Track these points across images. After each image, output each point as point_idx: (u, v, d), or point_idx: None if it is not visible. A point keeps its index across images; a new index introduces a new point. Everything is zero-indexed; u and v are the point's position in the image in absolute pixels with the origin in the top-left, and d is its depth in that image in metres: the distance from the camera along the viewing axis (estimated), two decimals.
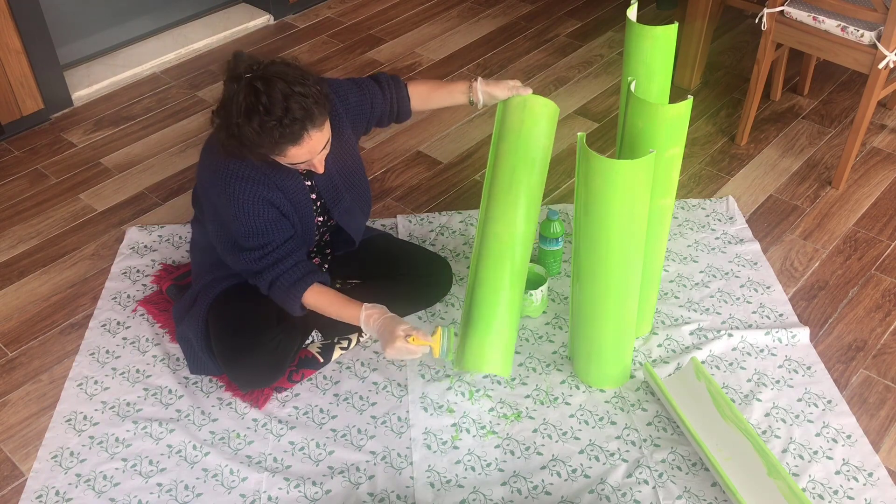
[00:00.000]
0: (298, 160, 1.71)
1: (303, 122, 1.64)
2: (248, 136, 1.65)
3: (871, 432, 1.90)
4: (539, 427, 1.92)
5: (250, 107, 1.62)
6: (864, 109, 2.46)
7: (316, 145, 1.70)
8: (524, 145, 1.88)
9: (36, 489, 1.82)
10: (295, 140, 1.65)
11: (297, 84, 1.64)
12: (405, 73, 3.30)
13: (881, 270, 2.33)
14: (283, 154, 1.68)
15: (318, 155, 1.73)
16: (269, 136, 1.63)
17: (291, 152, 1.68)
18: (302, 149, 1.68)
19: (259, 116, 1.61)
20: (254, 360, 1.90)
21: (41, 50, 2.94)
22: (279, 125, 1.62)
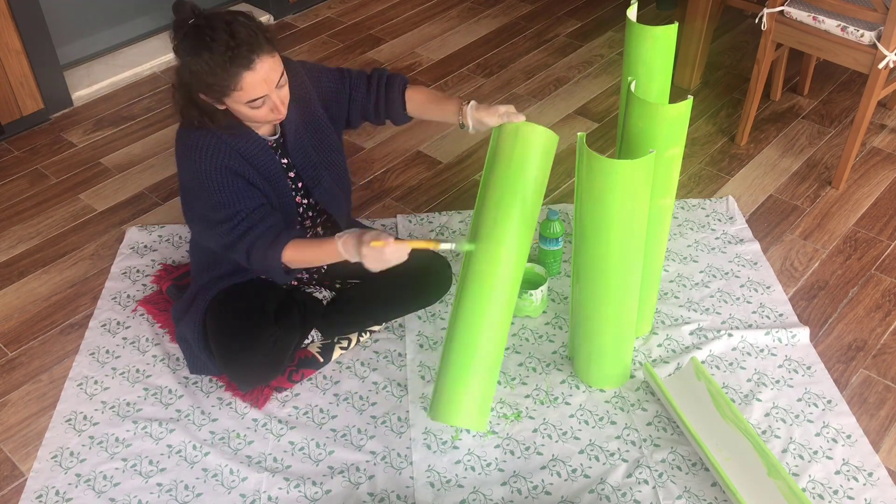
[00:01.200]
0: (257, 92, 1.66)
1: (250, 44, 1.62)
2: (199, 74, 1.64)
3: (871, 432, 1.90)
4: (539, 427, 1.92)
5: (196, 44, 1.62)
6: (864, 109, 2.46)
7: (271, 73, 1.67)
8: (514, 177, 1.71)
9: (36, 489, 1.82)
10: (247, 63, 1.62)
11: (241, 16, 1.66)
12: (405, 73, 3.30)
13: (881, 270, 2.33)
14: (241, 85, 1.64)
15: (277, 91, 1.70)
16: (219, 64, 1.61)
17: (248, 80, 1.64)
18: (257, 74, 1.64)
19: (206, 48, 1.61)
20: (251, 359, 1.89)
21: (41, 50, 2.94)
22: (226, 48, 1.60)
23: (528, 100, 3.11)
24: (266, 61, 1.65)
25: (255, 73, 1.64)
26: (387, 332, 2.15)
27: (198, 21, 1.64)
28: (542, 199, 1.77)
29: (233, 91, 1.66)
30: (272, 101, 1.71)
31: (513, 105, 1.85)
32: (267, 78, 1.67)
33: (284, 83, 1.73)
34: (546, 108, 3.06)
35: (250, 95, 1.67)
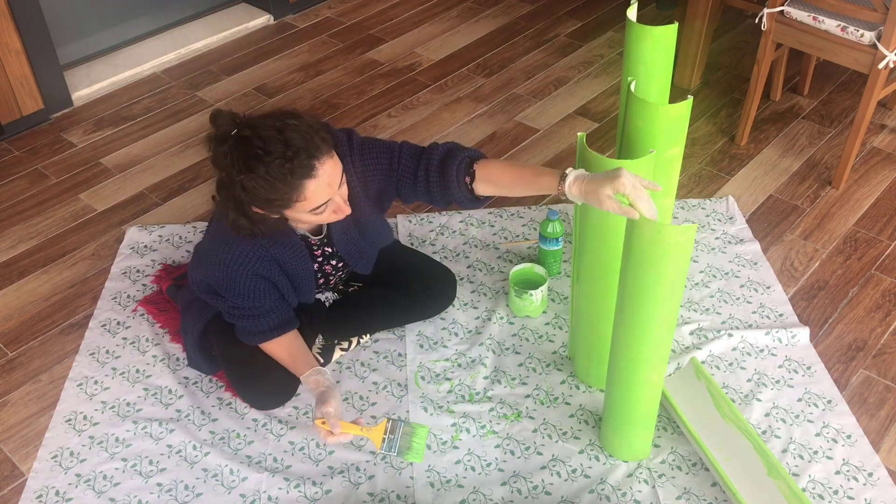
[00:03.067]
0: (322, 198, 1.56)
1: (308, 149, 1.51)
2: (257, 190, 1.51)
3: (871, 432, 1.90)
4: (539, 427, 1.92)
5: (247, 156, 1.49)
6: (864, 109, 2.46)
7: (332, 174, 1.56)
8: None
9: (36, 489, 1.82)
10: (308, 172, 1.51)
11: (289, 118, 1.53)
12: (405, 73, 3.30)
13: (881, 270, 2.33)
14: (304, 195, 1.53)
15: (339, 190, 1.60)
16: (279, 177, 1.49)
17: (311, 189, 1.53)
18: (320, 181, 1.53)
19: (260, 161, 1.48)
20: (266, 385, 1.91)
21: (41, 50, 2.94)
22: (284, 160, 1.48)
23: (528, 100, 3.11)
24: (326, 164, 1.54)
25: (318, 180, 1.53)
26: (387, 332, 2.15)
27: (242, 131, 1.52)
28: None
29: (296, 202, 1.55)
30: (335, 203, 1.61)
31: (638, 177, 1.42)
32: (330, 181, 1.56)
33: (344, 181, 1.62)
34: (546, 108, 3.06)
35: (314, 203, 1.57)
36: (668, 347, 1.59)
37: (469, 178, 1.69)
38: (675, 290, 1.46)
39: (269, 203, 1.56)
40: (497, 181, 1.68)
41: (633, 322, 1.55)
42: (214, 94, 3.20)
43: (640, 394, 1.68)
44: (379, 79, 3.27)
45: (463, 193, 1.71)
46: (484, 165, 1.69)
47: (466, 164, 1.69)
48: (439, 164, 1.72)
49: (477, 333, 2.15)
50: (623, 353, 1.63)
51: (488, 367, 2.06)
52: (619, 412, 1.75)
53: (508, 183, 1.67)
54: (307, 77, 3.29)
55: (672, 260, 1.39)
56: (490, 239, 2.45)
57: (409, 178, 1.76)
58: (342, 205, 1.63)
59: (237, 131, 1.53)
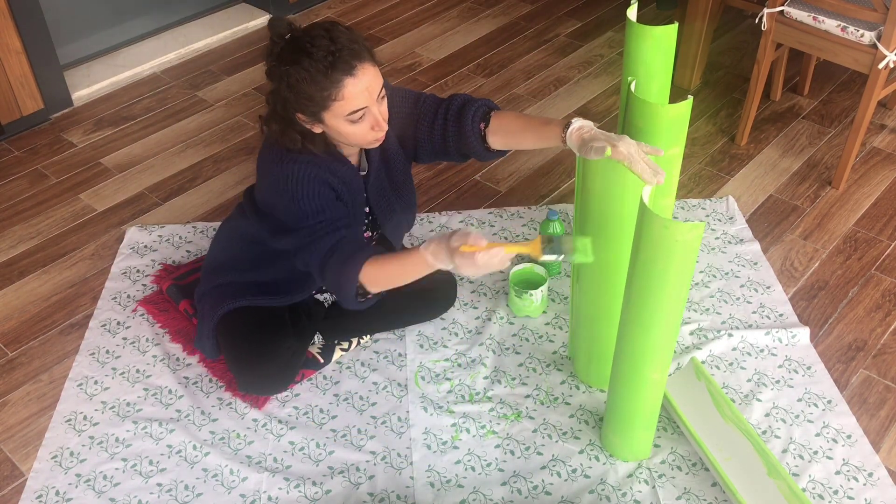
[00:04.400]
0: (359, 102, 1.58)
1: (351, 49, 1.56)
2: (300, 85, 1.56)
3: (871, 432, 1.90)
4: (539, 427, 1.92)
5: (295, 51, 1.55)
6: (864, 109, 2.46)
7: (373, 81, 1.60)
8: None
9: (36, 489, 1.82)
10: (349, 69, 1.55)
11: (337, 24, 1.60)
12: (405, 73, 3.30)
13: (881, 270, 2.33)
14: (342, 94, 1.56)
15: (379, 104, 1.63)
16: (321, 71, 1.54)
17: (349, 87, 1.56)
18: (359, 82, 1.57)
19: (306, 55, 1.54)
20: (268, 369, 1.91)
21: (41, 50, 2.94)
22: (328, 54, 1.53)
23: (528, 100, 3.11)
24: (368, 69, 1.59)
25: (357, 80, 1.57)
26: (387, 332, 2.15)
27: (295, 34, 1.59)
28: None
29: (333, 101, 1.58)
30: (373, 115, 1.62)
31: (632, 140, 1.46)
32: (369, 87, 1.59)
33: (384, 97, 1.65)
34: (546, 108, 3.06)
35: (352, 106, 1.59)
36: (673, 346, 1.60)
37: (484, 125, 1.75)
38: (681, 289, 1.46)
39: (311, 100, 1.58)
40: (508, 128, 1.73)
41: (638, 320, 1.54)
42: (214, 94, 3.19)
43: (643, 393, 1.68)
44: None
45: (476, 139, 1.76)
46: (498, 114, 1.76)
47: (484, 111, 1.76)
48: (458, 109, 1.78)
49: (477, 333, 2.15)
50: (627, 351, 1.63)
51: (488, 367, 2.06)
52: (622, 412, 1.75)
53: (518, 131, 1.71)
54: None
55: (679, 257, 1.40)
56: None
57: (428, 120, 1.81)
58: (380, 119, 1.64)
59: (291, 34, 1.59)
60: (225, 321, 1.94)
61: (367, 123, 1.63)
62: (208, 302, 1.97)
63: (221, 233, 2.05)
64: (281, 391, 1.98)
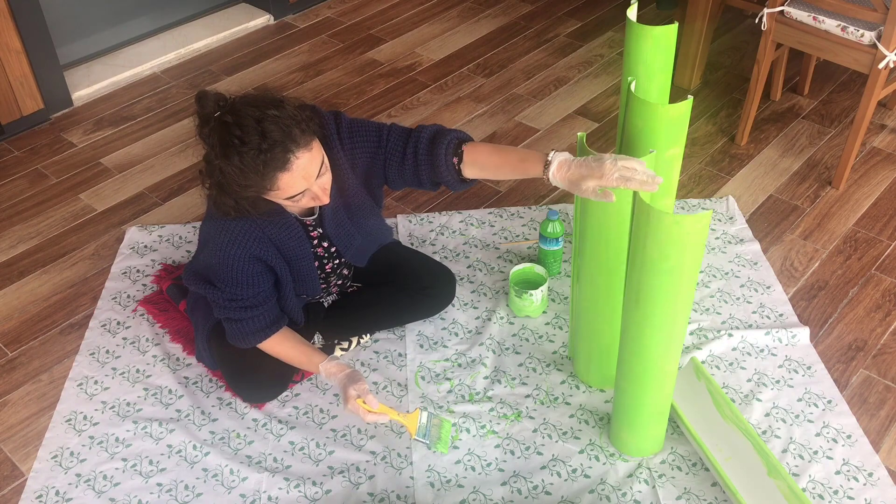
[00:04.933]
0: (295, 189, 1.58)
1: (284, 143, 1.51)
2: (233, 176, 1.53)
3: (871, 432, 1.90)
4: (539, 427, 1.92)
5: (224, 143, 1.51)
6: (864, 109, 2.46)
7: (309, 168, 1.57)
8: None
9: (36, 489, 1.82)
10: (282, 165, 1.52)
11: (271, 108, 1.53)
12: (405, 73, 3.30)
13: (881, 270, 2.33)
14: (277, 186, 1.55)
15: (318, 181, 1.61)
16: (252, 168, 1.51)
17: (284, 181, 1.55)
18: (294, 175, 1.55)
19: (236, 150, 1.50)
20: (259, 377, 1.91)
21: (41, 50, 2.94)
22: (259, 152, 1.49)
23: (528, 100, 3.11)
24: (303, 157, 1.55)
25: (292, 173, 1.54)
26: (387, 332, 2.15)
27: (223, 117, 1.53)
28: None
29: (269, 191, 1.58)
30: (312, 192, 1.62)
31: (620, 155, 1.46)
32: (305, 174, 1.57)
33: (325, 170, 1.63)
34: (546, 108, 3.06)
35: (288, 193, 1.59)
36: (682, 337, 1.60)
37: (457, 160, 1.70)
38: (691, 280, 1.47)
39: (245, 189, 1.58)
40: (484, 164, 1.68)
41: (651, 316, 1.54)
42: None
43: (655, 386, 1.69)
44: (379, 79, 3.27)
45: (451, 174, 1.71)
46: (472, 148, 1.69)
47: (455, 145, 1.70)
48: (428, 144, 1.72)
49: (477, 333, 2.15)
50: (636, 347, 1.63)
51: (488, 367, 2.06)
52: (633, 407, 1.75)
53: (494, 167, 1.67)
54: (307, 77, 3.29)
55: (690, 249, 1.40)
56: (490, 239, 2.45)
57: (398, 157, 1.76)
58: (319, 194, 1.63)
59: (220, 114, 1.55)
60: (217, 331, 1.94)
61: (307, 198, 1.63)
62: (200, 314, 1.98)
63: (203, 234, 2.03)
64: (276, 396, 1.98)
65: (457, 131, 1.74)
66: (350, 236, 1.92)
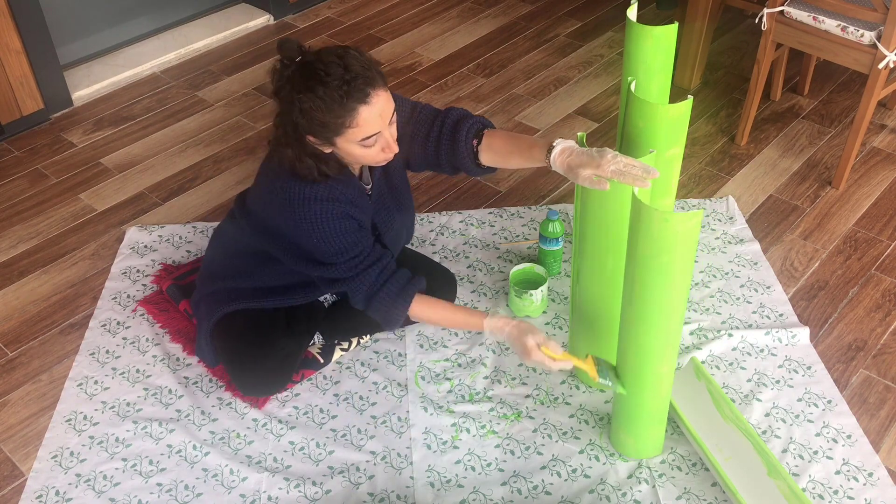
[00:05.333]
0: (373, 128, 1.59)
1: (366, 77, 1.55)
2: (314, 112, 1.55)
3: (871, 432, 1.90)
4: (539, 427, 1.92)
5: (309, 77, 1.54)
6: (864, 109, 2.46)
7: (386, 106, 1.60)
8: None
9: (36, 489, 1.82)
10: (363, 97, 1.55)
11: (351, 49, 1.58)
12: (405, 73, 3.30)
13: (881, 270, 2.33)
14: (356, 122, 1.56)
15: (390, 126, 1.63)
16: (336, 99, 1.53)
17: (364, 115, 1.56)
18: (373, 109, 1.56)
19: (320, 81, 1.53)
20: (262, 369, 1.91)
21: (41, 50, 2.94)
22: (342, 83, 1.53)
23: (528, 100, 3.11)
24: (381, 95, 1.58)
25: (371, 107, 1.57)
26: (387, 332, 2.15)
27: (306, 58, 1.57)
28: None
29: (347, 128, 1.58)
30: (385, 139, 1.63)
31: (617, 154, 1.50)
32: (382, 113, 1.59)
33: (395, 120, 1.66)
34: (546, 108, 3.06)
35: (365, 132, 1.59)
36: (679, 338, 1.60)
37: (477, 141, 1.77)
38: (684, 280, 1.47)
39: (324, 127, 1.58)
40: (498, 149, 1.75)
41: (644, 316, 1.55)
42: (214, 94, 3.20)
43: (652, 388, 1.68)
44: None
45: (468, 155, 1.77)
46: (491, 134, 1.77)
47: (478, 128, 1.77)
48: (453, 125, 1.79)
49: (477, 333, 2.14)
50: (633, 348, 1.63)
51: (488, 367, 2.06)
52: (631, 409, 1.75)
53: (507, 152, 1.74)
54: None
55: (681, 248, 1.40)
56: (490, 239, 2.45)
57: (423, 133, 1.81)
58: (391, 142, 1.64)
59: (302, 58, 1.58)
60: (220, 325, 1.94)
61: (378, 146, 1.64)
62: (204, 308, 1.98)
63: (216, 241, 2.04)
64: (279, 391, 1.98)
65: (482, 118, 1.80)
66: (391, 216, 1.91)
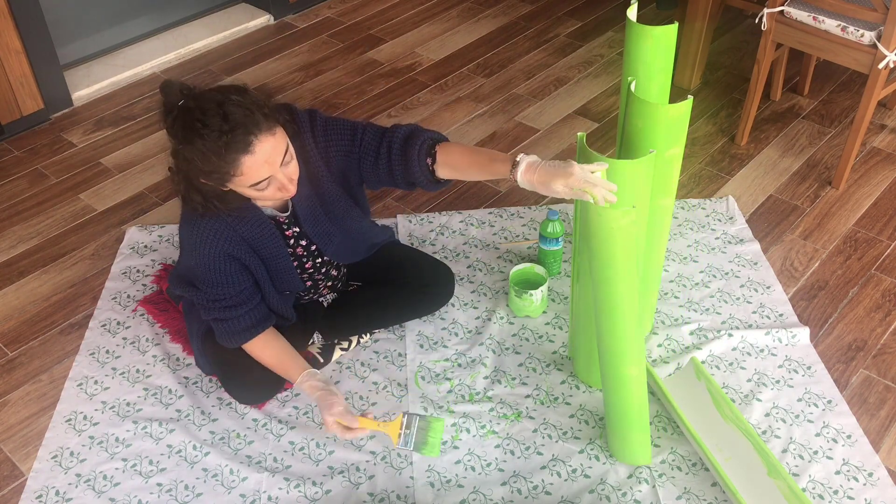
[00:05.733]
0: (259, 175, 1.56)
1: (245, 125, 1.50)
2: (196, 162, 1.53)
3: (871, 432, 1.90)
4: (539, 427, 1.92)
5: (187, 128, 1.51)
6: (864, 109, 2.46)
7: (272, 153, 1.55)
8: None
9: (36, 489, 1.82)
10: (244, 148, 1.51)
11: (233, 93, 1.53)
12: (405, 73, 3.30)
13: (881, 270, 2.33)
14: (240, 171, 1.53)
15: (283, 169, 1.59)
16: (214, 151, 1.50)
17: (247, 165, 1.53)
18: (257, 158, 1.53)
19: (198, 134, 1.50)
20: (253, 377, 1.90)
21: (41, 50, 2.94)
22: (220, 134, 1.49)
23: (528, 100, 3.11)
24: (266, 141, 1.54)
25: (255, 156, 1.53)
26: (387, 332, 2.15)
27: (187, 103, 1.53)
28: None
29: (233, 177, 1.56)
30: (278, 181, 1.60)
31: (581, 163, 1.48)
32: (269, 159, 1.55)
33: (290, 158, 1.62)
34: (546, 108, 3.06)
35: (252, 179, 1.57)
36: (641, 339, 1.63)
37: (430, 160, 1.70)
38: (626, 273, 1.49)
39: (209, 175, 1.57)
40: (455, 165, 1.68)
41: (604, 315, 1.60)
42: None
43: (625, 392, 1.69)
44: (379, 79, 3.27)
45: (424, 175, 1.71)
46: (445, 149, 1.69)
47: (428, 146, 1.70)
48: (401, 144, 1.72)
49: (477, 333, 2.15)
50: (604, 350, 1.67)
51: (488, 367, 2.06)
52: (613, 413, 1.77)
53: (465, 167, 1.68)
54: (307, 77, 3.29)
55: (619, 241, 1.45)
56: (490, 239, 2.45)
57: (371, 156, 1.75)
58: (286, 183, 1.62)
59: (183, 102, 1.55)
60: (210, 334, 1.93)
61: (272, 188, 1.62)
62: (193, 317, 1.98)
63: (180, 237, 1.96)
64: (271, 397, 1.97)
65: (431, 131, 1.73)
66: (328, 234, 1.90)
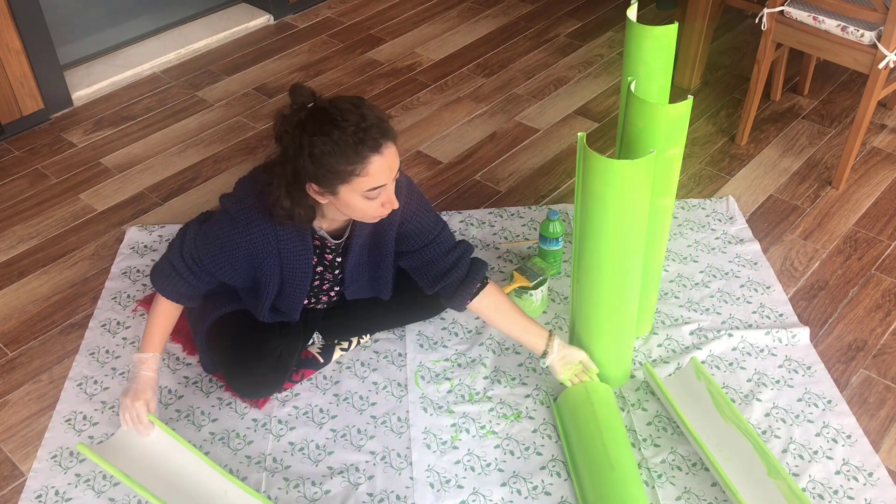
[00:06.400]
0: (380, 180, 1.58)
1: (380, 127, 1.56)
2: (325, 157, 1.53)
3: (871, 432, 1.90)
4: (539, 427, 1.92)
5: (324, 122, 1.53)
6: (864, 109, 2.46)
7: (395, 161, 1.60)
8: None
9: (36, 489, 1.82)
10: (377, 146, 1.55)
11: (364, 100, 1.59)
12: (405, 73, 3.30)
13: (881, 270, 2.33)
14: (367, 170, 1.56)
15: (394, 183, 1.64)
16: (350, 145, 1.52)
17: (375, 165, 1.56)
18: (384, 160, 1.56)
19: (336, 127, 1.52)
20: (257, 371, 1.90)
21: (41, 50, 2.94)
22: (358, 130, 1.52)
23: (529, 100, 3.11)
24: (391, 148, 1.59)
25: (383, 158, 1.56)
26: (387, 332, 2.15)
27: (320, 104, 1.57)
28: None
29: (356, 177, 1.56)
30: (388, 193, 1.63)
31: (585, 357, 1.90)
32: (391, 165, 1.59)
33: (399, 176, 1.67)
34: (546, 108, 3.06)
35: (373, 183, 1.58)
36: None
37: (471, 299, 1.89)
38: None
39: (333, 173, 1.56)
40: (488, 316, 1.93)
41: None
42: (214, 94, 3.20)
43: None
44: (379, 79, 3.27)
45: (458, 306, 1.91)
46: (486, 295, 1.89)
47: (477, 289, 1.89)
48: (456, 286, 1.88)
49: (477, 333, 2.15)
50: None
51: (488, 367, 2.06)
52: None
53: (497, 321, 1.93)
54: (307, 77, 3.29)
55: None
56: (490, 239, 2.45)
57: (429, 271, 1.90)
58: (393, 198, 1.65)
59: (314, 104, 1.58)
60: (213, 330, 1.94)
61: (380, 200, 1.63)
62: (196, 314, 1.98)
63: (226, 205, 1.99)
64: (276, 391, 1.98)
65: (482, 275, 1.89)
66: (360, 275, 1.94)
